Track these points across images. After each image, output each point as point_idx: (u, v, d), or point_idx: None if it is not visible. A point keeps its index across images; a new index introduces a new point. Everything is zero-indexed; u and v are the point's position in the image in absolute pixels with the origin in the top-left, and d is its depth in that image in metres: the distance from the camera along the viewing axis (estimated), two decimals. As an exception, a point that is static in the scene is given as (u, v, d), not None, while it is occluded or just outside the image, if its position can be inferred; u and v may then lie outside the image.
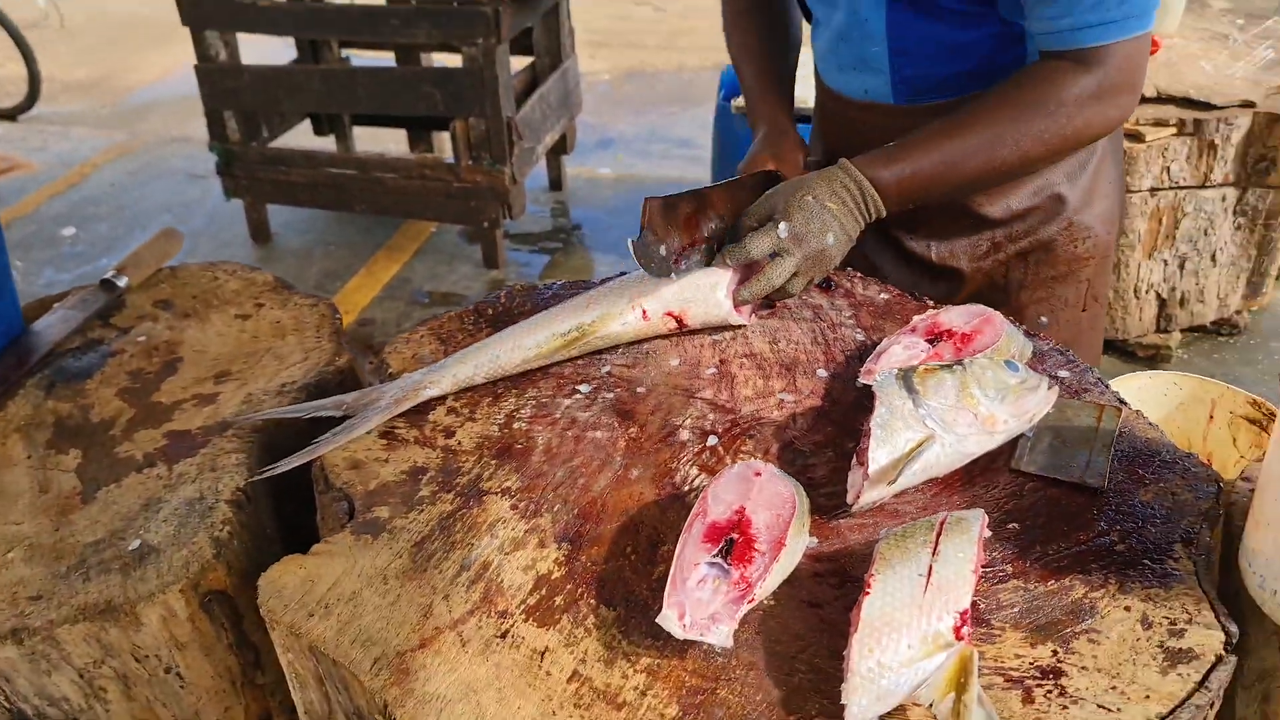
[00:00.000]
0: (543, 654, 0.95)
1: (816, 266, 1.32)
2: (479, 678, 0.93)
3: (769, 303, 1.42)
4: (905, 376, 1.11)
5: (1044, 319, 1.53)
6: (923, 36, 1.41)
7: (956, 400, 1.10)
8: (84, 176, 4.98)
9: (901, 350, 1.21)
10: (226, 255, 1.56)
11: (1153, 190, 2.91)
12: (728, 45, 1.69)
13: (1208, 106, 2.86)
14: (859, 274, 1.49)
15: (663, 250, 1.32)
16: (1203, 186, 2.92)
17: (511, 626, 0.98)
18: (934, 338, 1.24)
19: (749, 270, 1.33)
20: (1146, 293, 3.08)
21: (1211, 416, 1.61)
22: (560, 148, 4.44)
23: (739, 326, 1.37)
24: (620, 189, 4.71)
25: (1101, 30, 1.27)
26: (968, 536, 0.93)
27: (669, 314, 1.33)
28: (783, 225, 1.30)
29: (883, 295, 1.44)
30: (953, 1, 1.37)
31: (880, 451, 1.06)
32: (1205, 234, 3.00)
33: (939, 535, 0.93)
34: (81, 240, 4.30)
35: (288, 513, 1.35)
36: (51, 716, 1.18)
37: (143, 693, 1.20)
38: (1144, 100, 2.93)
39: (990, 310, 1.26)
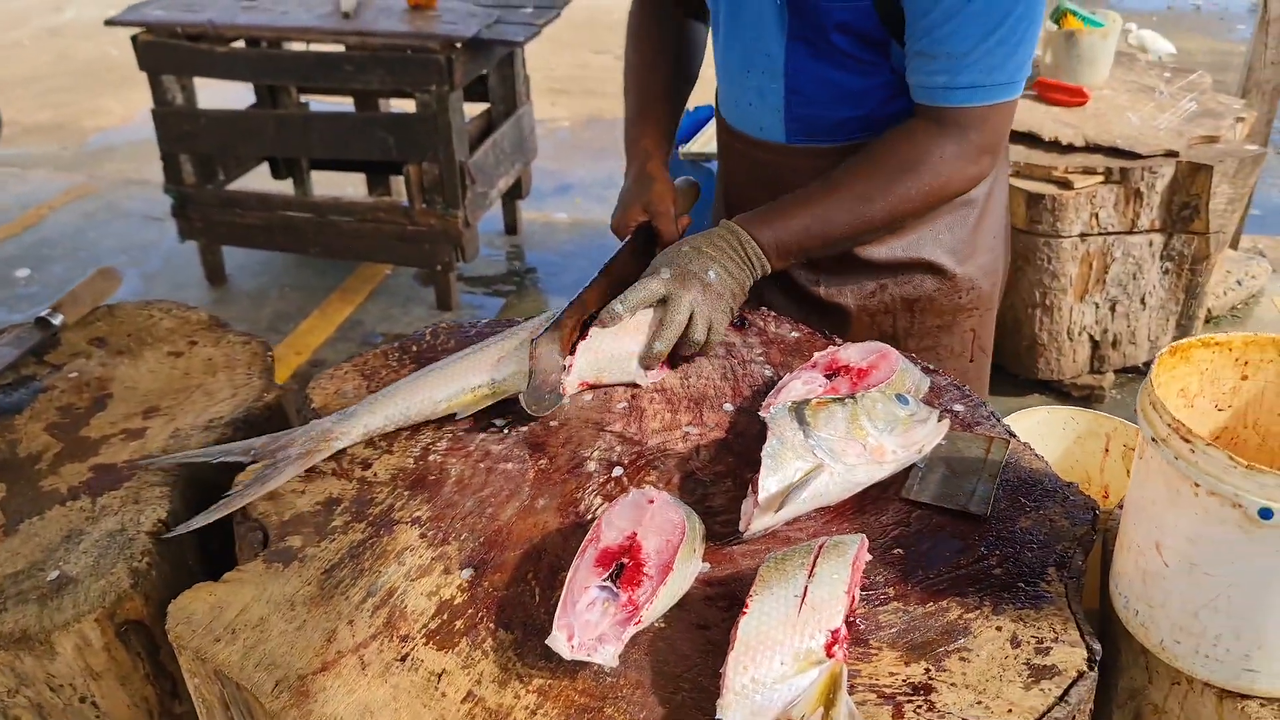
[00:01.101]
0: (440, 676, 0.98)
1: (710, 304, 1.36)
2: (376, 699, 0.96)
3: (681, 359, 1.42)
4: (798, 409, 1.16)
5: (931, 367, 1.59)
6: (817, 78, 1.48)
7: (846, 432, 1.15)
8: (41, 218, 4.99)
9: (800, 385, 1.26)
10: (180, 297, 1.59)
11: (1083, 235, 3.00)
12: (625, 65, 1.72)
13: (1133, 156, 2.96)
14: (773, 313, 1.55)
15: (548, 390, 1.31)
16: (1130, 232, 3.02)
17: (412, 650, 1.01)
18: (832, 373, 1.29)
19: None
20: (1079, 335, 3.17)
21: (1107, 449, 1.67)
22: (515, 192, 4.51)
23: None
24: (576, 233, 4.78)
25: (971, 93, 1.35)
26: (844, 559, 0.97)
27: (583, 384, 1.36)
28: (664, 269, 1.35)
29: (794, 334, 1.50)
30: (848, 46, 1.44)
31: (770, 480, 1.10)
32: (1134, 278, 3.10)
33: (816, 558, 0.97)
34: (36, 281, 4.31)
35: (210, 546, 1.37)
36: (-35, 746, 1.20)
37: (58, 722, 1.22)
38: (1073, 149, 3.03)
39: (886, 347, 1.32)
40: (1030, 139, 3.10)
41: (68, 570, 1.22)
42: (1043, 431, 1.68)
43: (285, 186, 4.62)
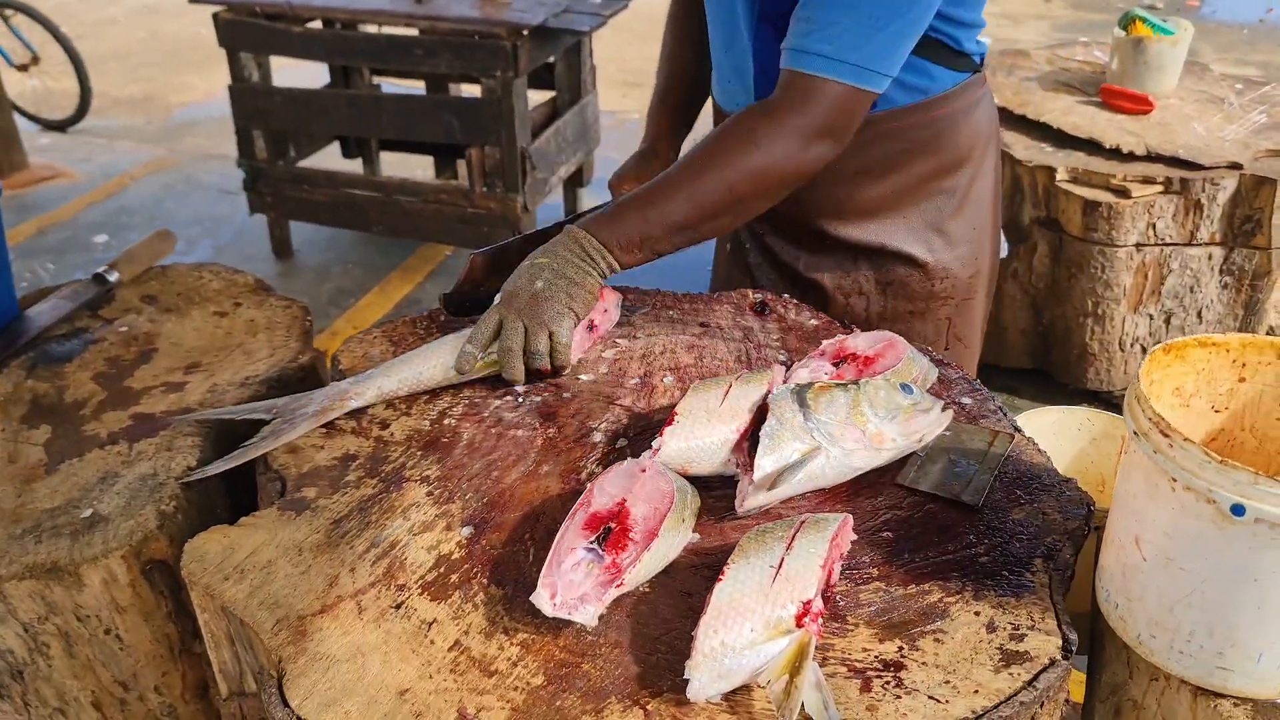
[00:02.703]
0: (430, 625, 1.03)
1: (540, 314, 1.34)
2: (369, 642, 1.01)
3: (556, 371, 1.40)
4: (800, 392, 1.18)
5: (944, 360, 1.60)
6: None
7: (846, 417, 1.17)
8: (122, 188, 5.18)
9: (807, 373, 1.28)
10: (248, 268, 1.65)
11: (1138, 245, 2.96)
12: (660, 50, 1.81)
13: (1195, 166, 2.91)
14: (794, 301, 1.57)
15: (473, 297, 1.48)
16: (1189, 244, 2.97)
17: (407, 599, 1.06)
18: (839, 360, 1.31)
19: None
20: (1131, 346, 3.12)
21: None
22: (577, 180, 4.56)
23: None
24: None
25: (819, 61, 1.32)
26: (822, 535, 1.00)
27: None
28: (496, 298, 1.38)
29: (813, 321, 1.52)
30: None
31: (766, 459, 1.13)
32: (1191, 291, 3.04)
33: (796, 532, 1.00)
34: (112, 247, 4.47)
35: (241, 497, 1.44)
36: (-2, 667, 1.27)
37: (83, 651, 1.28)
38: (1134, 158, 2.99)
39: (895, 336, 1.33)
40: (1091, 145, 3.06)
41: (100, 509, 1.28)
42: (1058, 431, 1.67)
43: (355, 166, 4.73)
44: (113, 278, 1.78)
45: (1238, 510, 0.86)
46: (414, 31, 3.84)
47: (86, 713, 1.33)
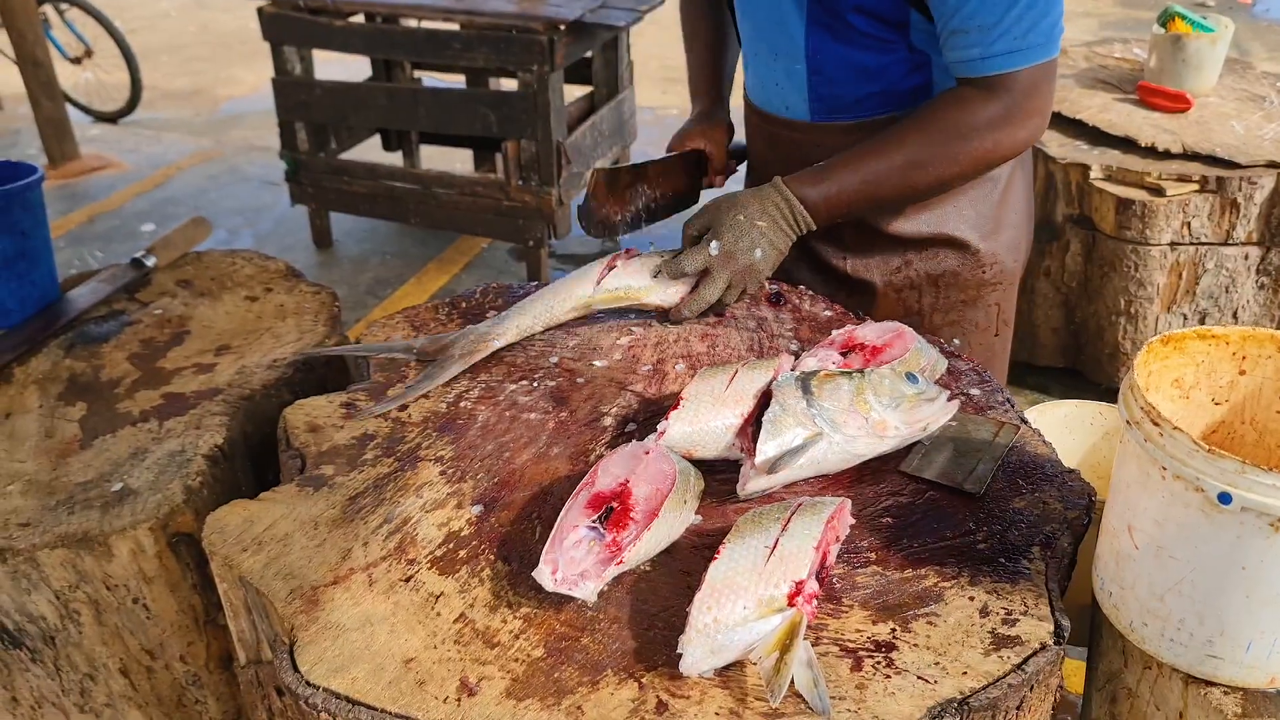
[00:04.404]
0: (438, 597, 1.06)
1: (746, 279, 1.47)
2: (378, 613, 1.05)
3: (717, 311, 1.53)
4: (804, 379, 1.20)
5: (957, 340, 1.62)
6: (837, 58, 1.53)
7: (849, 404, 1.18)
8: (169, 178, 5.29)
9: (815, 362, 1.30)
10: (288, 258, 1.71)
11: (1173, 244, 2.93)
12: (683, 32, 1.89)
13: (1232, 165, 2.88)
14: (809, 292, 1.58)
15: (600, 216, 1.61)
16: (1224, 244, 2.94)
17: (416, 573, 1.09)
18: (847, 350, 1.33)
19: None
20: (1165, 346, 3.09)
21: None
22: (613, 174, 4.59)
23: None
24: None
25: (1007, 59, 1.38)
26: (818, 517, 1.02)
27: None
28: (714, 244, 1.45)
29: (826, 312, 1.54)
30: (866, 26, 1.48)
31: (768, 444, 1.15)
32: (1227, 291, 3.01)
33: (793, 514, 1.02)
34: (158, 236, 4.57)
35: (266, 475, 1.48)
36: (30, 633, 1.32)
37: (112, 619, 1.34)
38: (1170, 156, 2.96)
39: (903, 326, 1.35)
40: (1126, 143, 3.03)
41: (130, 483, 1.33)
42: (1069, 426, 1.67)
43: (396, 159, 4.79)
44: (150, 262, 1.84)
45: (1225, 499, 0.87)
46: (453, 26, 3.89)
47: (114, 679, 1.38)
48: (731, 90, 1.87)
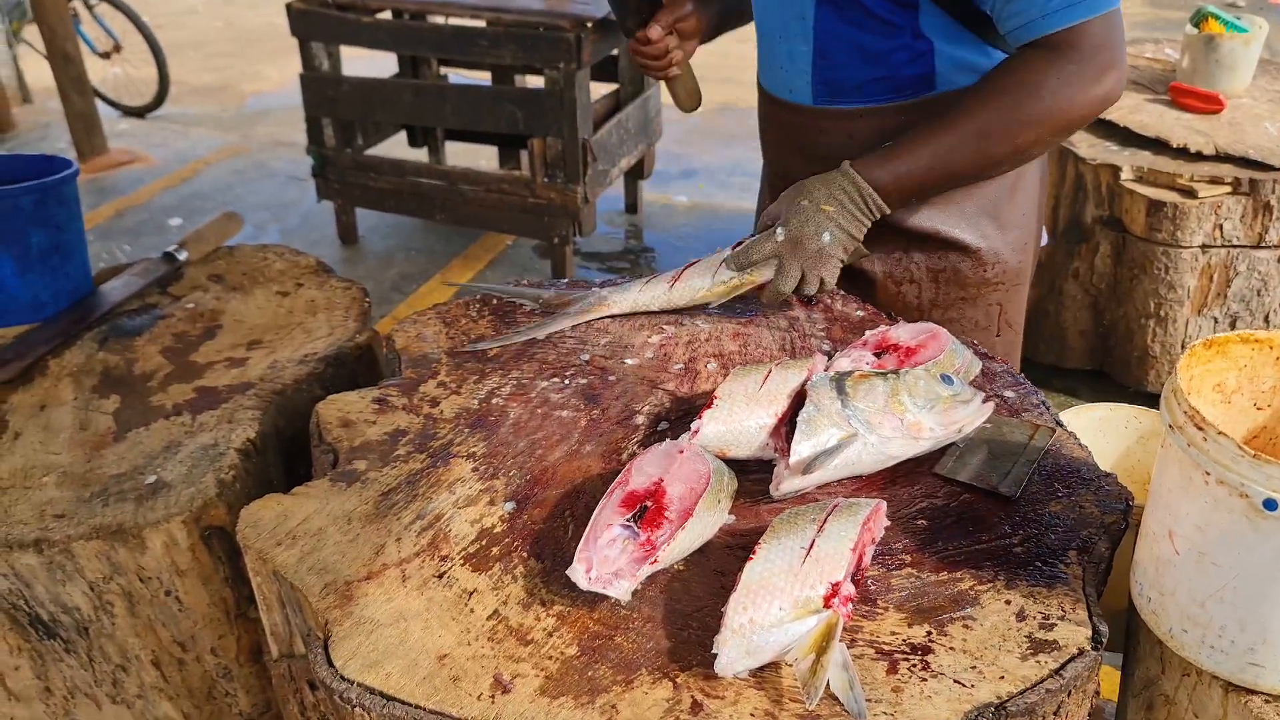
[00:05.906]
0: (471, 594, 1.06)
1: (820, 265, 1.43)
2: (411, 608, 1.05)
3: (812, 300, 1.56)
4: (839, 379, 1.20)
5: (988, 353, 1.60)
6: (842, 40, 1.51)
7: (884, 405, 1.18)
8: (196, 173, 5.32)
9: (848, 363, 1.29)
10: (314, 253, 1.72)
11: (1204, 247, 2.91)
12: None
13: (1266, 167, 2.85)
14: (841, 291, 1.58)
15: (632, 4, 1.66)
16: (1257, 247, 2.91)
17: (449, 569, 1.09)
18: (881, 351, 1.32)
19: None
20: (1195, 349, 3.07)
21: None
22: (637, 172, 4.59)
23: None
24: (694, 216, 4.83)
25: (1066, 13, 1.33)
26: (854, 519, 1.01)
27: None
28: (779, 230, 1.43)
29: (859, 312, 1.53)
30: (876, 7, 1.46)
31: (803, 445, 1.14)
32: (1259, 294, 2.98)
33: (829, 515, 1.01)
34: (187, 230, 4.60)
35: (297, 469, 1.49)
36: (64, 623, 1.33)
37: (145, 611, 1.34)
38: (1202, 157, 2.93)
39: (937, 327, 1.34)
40: (1157, 144, 3.01)
41: (164, 476, 1.34)
42: (1103, 429, 1.66)
43: (422, 155, 4.81)
44: (181, 256, 1.85)
45: (1270, 505, 0.86)
46: (480, 23, 3.90)
47: (146, 670, 1.39)
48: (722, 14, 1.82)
